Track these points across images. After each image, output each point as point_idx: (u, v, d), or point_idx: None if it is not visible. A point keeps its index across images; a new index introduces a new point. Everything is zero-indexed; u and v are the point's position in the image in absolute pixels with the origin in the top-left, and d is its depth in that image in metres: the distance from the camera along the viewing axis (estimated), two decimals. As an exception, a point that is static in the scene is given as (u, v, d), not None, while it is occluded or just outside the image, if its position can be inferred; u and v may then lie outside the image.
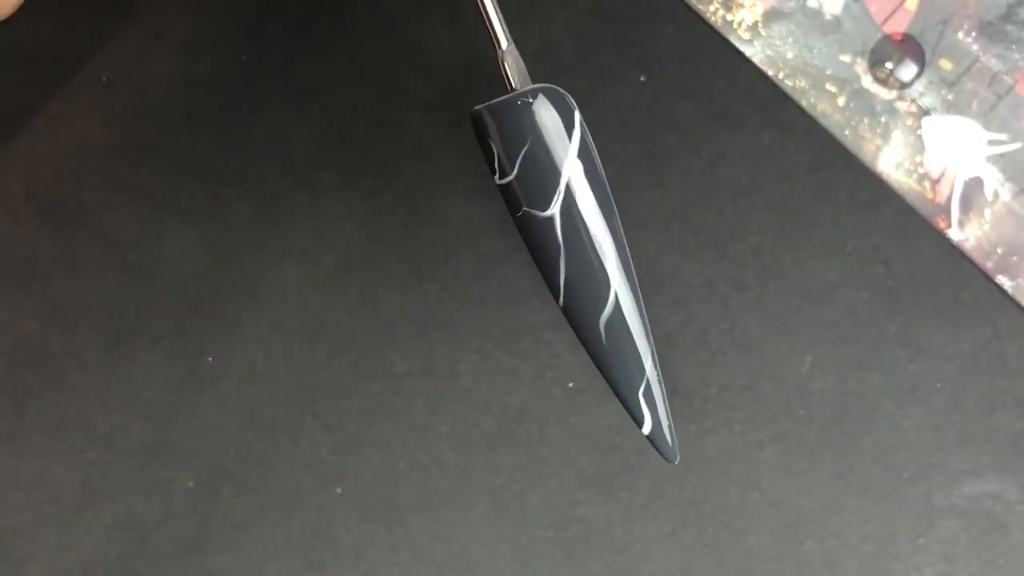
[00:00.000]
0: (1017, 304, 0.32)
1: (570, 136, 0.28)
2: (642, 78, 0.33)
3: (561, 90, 0.28)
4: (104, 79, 0.34)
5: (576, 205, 0.28)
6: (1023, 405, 0.32)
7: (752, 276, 0.33)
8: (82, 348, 0.33)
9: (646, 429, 0.28)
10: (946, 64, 0.32)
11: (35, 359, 0.33)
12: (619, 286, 0.28)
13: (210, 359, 0.33)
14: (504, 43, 0.28)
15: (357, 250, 0.33)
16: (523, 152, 0.28)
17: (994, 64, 0.31)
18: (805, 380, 0.32)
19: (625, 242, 0.29)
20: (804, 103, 0.32)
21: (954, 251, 0.32)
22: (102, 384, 0.33)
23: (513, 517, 0.32)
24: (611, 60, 0.33)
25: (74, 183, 0.33)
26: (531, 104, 0.28)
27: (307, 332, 0.33)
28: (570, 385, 0.33)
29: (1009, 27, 0.31)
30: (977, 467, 0.32)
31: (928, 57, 0.32)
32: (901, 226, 0.32)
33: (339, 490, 0.33)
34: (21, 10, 0.31)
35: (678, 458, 0.29)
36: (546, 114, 0.28)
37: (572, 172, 0.28)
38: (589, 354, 0.29)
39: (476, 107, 0.28)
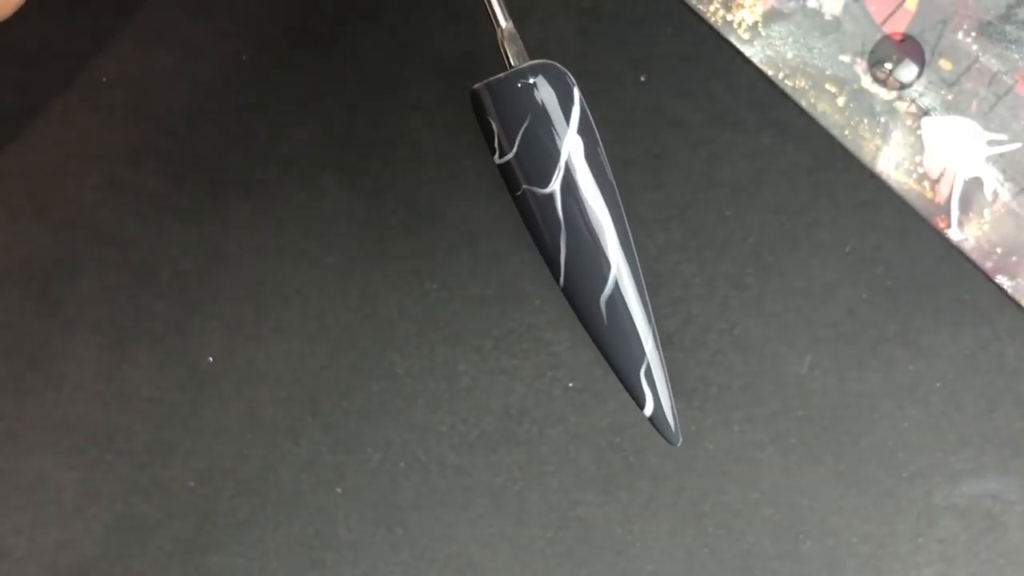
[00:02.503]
0: (1017, 304, 0.32)
1: (570, 112, 0.28)
2: (642, 78, 0.33)
3: (560, 67, 0.28)
4: (104, 79, 0.34)
5: (576, 181, 0.28)
6: (1023, 405, 0.32)
7: (752, 276, 0.33)
8: (82, 348, 0.33)
9: (647, 411, 0.28)
10: (946, 64, 0.32)
11: (35, 359, 0.33)
12: (620, 264, 0.28)
13: (210, 359, 0.33)
14: (503, 23, 0.28)
15: (357, 250, 0.33)
16: (523, 129, 0.28)
17: (993, 64, 0.31)
18: (805, 380, 0.32)
19: (625, 219, 0.28)
20: (804, 103, 0.32)
21: (954, 251, 0.32)
22: (102, 384, 0.33)
23: (513, 517, 0.32)
24: (611, 60, 0.33)
25: (74, 183, 0.33)
26: (531, 81, 0.28)
27: (307, 332, 0.33)
28: (570, 385, 0.33)
29: (1008, 27, 0.32)
30: (977, 467, 0.32)
31: (928, 57, 0.32)
32: (901, 226, 0.32)
33: (339, 490, 0.33)
34: (21, 10, 0.31)
35: (681, 440, 0.28)
36: (545, 91, 0.28)
37: (572, 148, 0.28)
38: (590, 334, 0.28)
39: (475, 85, 0.28)
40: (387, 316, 0.33)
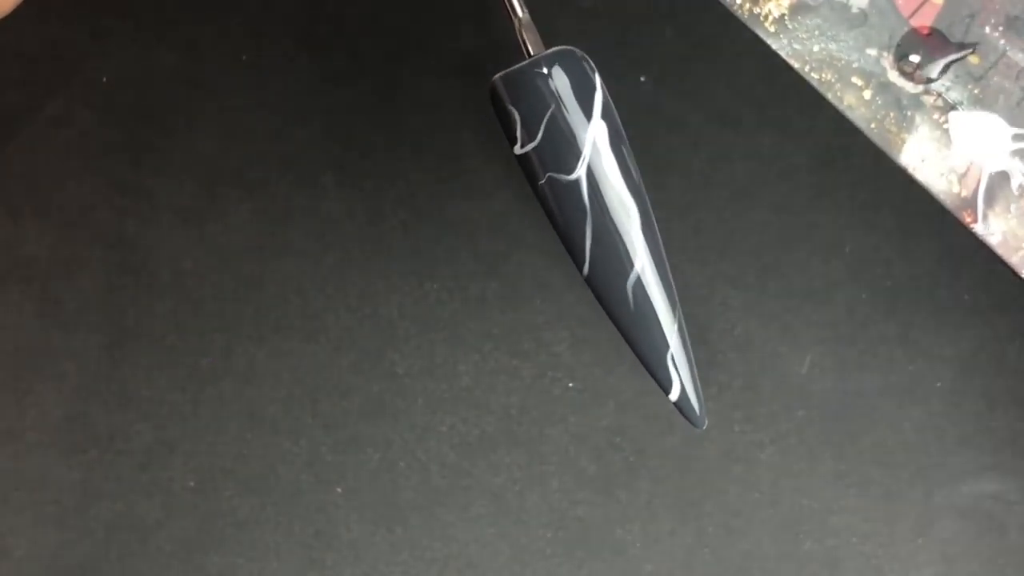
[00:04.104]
0: None
1: (592, 98, 0.28)
2: (642, 78, 0.33)
3: (580, 52, 0.28)
4: (104, 79, 0.34)
5: (601, 167, 0.28)
6: (1022, 405, 0.32)
7: (752, 276, 0.33)
8: (82, 348, 0.33)
9: (674, 395, 0.28)
10: (973, 58, 0.32)
11: (35, 359, 0.33)
12: (645, 249, 0.28)
13: (209, 360, 0.33)
14: (521, 12, 0.28)
15: (357, 250, 0.33)
16: (547, 117, 0.27)
17: (1021, 59, 0.31)
18: (805, 380, 0.32)
19: (648, 203, 0.28)
20: (830, 96, 0.32)
21: (953, 252, 0.32)
22: (102, 384, 0.33)
23: (513, 517, 0.32)
24: (611, 60, 0.33)
25: (74, 183, 0.33)
26: (553, 68, 0.28)
27: (307, 332, 0.33)
28: (570, 385, 0.33)
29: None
30: (977, 467, 0.32)
31: (954, 51, 0.32)
32: (901, 226, 0.32)
33: (339, 490, 0.33)
34: (21, 10, 0.31)
35: (706, 424, 0.28)
36: (568, 77, 0.28)
37: (597, 134, 0.28)
38: (614, 322, 0.28)
39: (495, 76, 0.28)
40: (387, 316, 0.33)
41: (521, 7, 0.28)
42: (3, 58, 0.34)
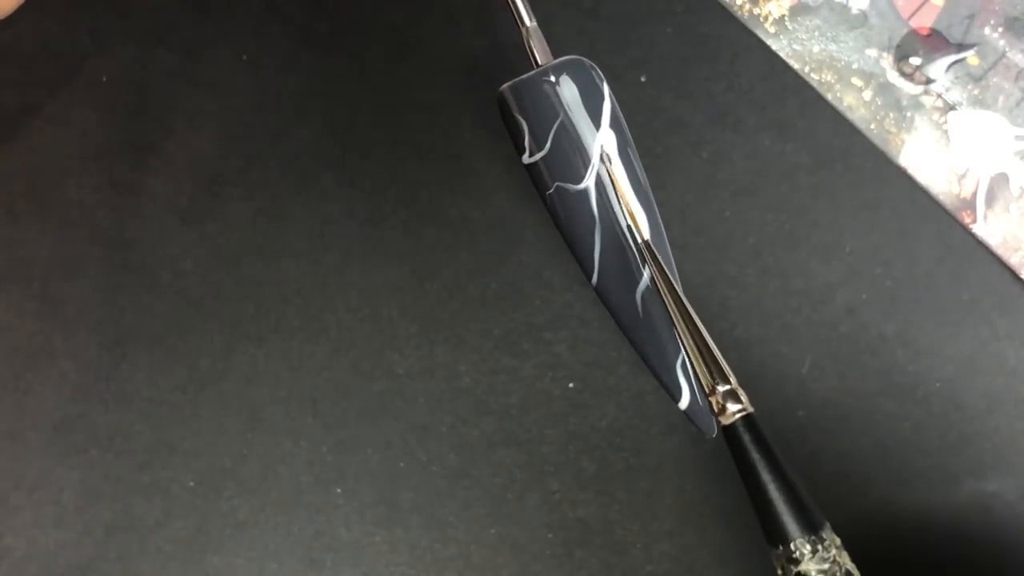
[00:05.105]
0: None
1: (600, 107, 0.28)
2: (642, 78, 0.33)
3: (588, 62, 0.28)
4: (104, 79, 0.34)
5: (610, 176, 0.28)
6: (1022, 405, 0.32)
7: (752, 276, 0.33)
8: (82, 348, 0.33)
9: (683, 403, 0.28)
10: (972, 59, 0.32)
11: (35, 359, 0.33)
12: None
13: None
14: (528, 21, 0.28)
15: (357, 250, 0.33)
16: (555, 127, 0.27)
17: (1020, 60, 0.32)
18: (805, 380, 0.32)
19: (657, 211, 0.28)
20: (830, 97, 0.32)
21: (953, 252, 0.32)
22: (102, 384, 0.33)
23: (513, 517, 0.32)
24: (611, 60, 0.33)
25: (74, 183, 0.33)
26: (560, 78, 0.28)
27: (307, 332, 0.33)
28: (570, 385, 0.33)
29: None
30: (977, 467, 0.32)
31: (954, 52, 0.32)
32: (901, 226, 0.32)
33: (339, 490, 0.33)
34: (21, 10, 0.31)
35: (716, 432, 0.29)
36: (576, 87, 0.28)
37: (605, 143, 0.28)
38: (623, 330, 0.28)
39: (503, 86, 0.28)
40: (387, 316, 0.33)
41: (529, 16, 0.28)
42: (3, 58, 0.34)
